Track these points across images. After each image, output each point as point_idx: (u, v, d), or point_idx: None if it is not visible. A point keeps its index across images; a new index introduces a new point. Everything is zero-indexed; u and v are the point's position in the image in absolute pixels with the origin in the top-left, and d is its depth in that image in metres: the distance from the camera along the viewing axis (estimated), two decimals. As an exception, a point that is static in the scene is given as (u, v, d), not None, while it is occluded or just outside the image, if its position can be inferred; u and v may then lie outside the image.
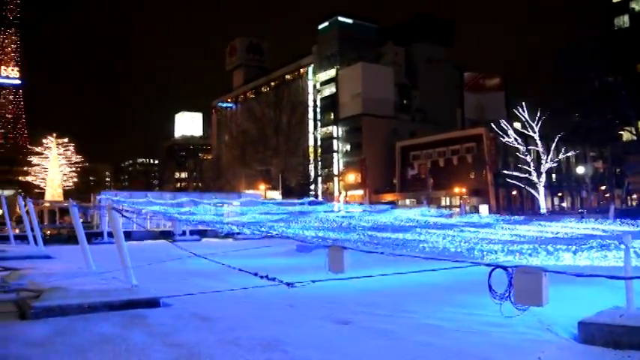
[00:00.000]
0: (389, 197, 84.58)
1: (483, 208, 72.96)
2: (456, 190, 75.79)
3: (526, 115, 58.68)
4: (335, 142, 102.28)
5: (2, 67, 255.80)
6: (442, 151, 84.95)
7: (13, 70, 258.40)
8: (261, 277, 6.98)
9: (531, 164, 59.92)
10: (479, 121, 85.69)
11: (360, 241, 11.55)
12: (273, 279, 6.69)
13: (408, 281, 11.50)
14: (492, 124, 65.11)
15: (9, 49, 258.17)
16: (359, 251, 8.04)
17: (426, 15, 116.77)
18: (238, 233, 30.78)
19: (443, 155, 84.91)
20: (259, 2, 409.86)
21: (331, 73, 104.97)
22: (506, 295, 5.87)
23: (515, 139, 60.45)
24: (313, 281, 7.12)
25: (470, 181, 77.67)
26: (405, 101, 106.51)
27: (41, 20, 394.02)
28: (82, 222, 16.73)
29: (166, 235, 35.58)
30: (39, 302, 9.10)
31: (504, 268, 5.88)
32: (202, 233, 39.06)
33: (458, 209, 64.53)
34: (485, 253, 10.56)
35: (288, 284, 6.61)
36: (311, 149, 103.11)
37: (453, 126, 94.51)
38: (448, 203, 79.56)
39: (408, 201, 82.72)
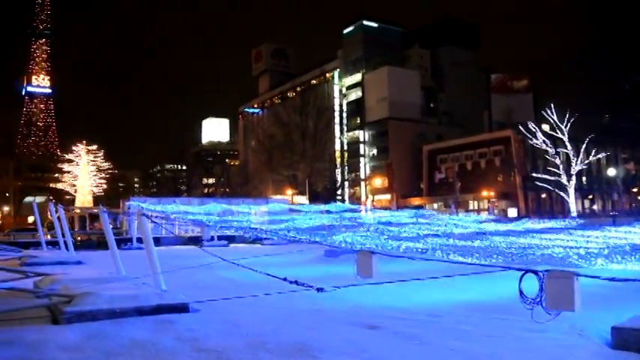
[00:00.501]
0: (416, 201, 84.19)
1: (512, 212, 72.22)
2: (484, 193, 75.14)
3: (555, 117, 57.91)
4: (361, 146, 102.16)
5: (33, 77, 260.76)
6: (470, 154, 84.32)
7: (43, 79, 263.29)
8: (291, 282, 6.97)
9: (561, 167, 59.05)
10: (506, 123, 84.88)
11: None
12: (303, 284, 6.67)
13: (437, 286, 11.41)
14: (520, 127, 64.39)
15: (39, 58, 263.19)
16: (387, 256, 8.00)
17: (451, 17, 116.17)
18: (266, 239, 30.90)
19: (470, 158, 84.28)
20: (284, 8, 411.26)
21: (357, 77, 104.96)
22: (538, 299, 5.79)
23: (544, 142, 59.62)
24: (344, 286, 7.09)
25: (498, 184, 76.97)
26: (431, 104, 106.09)
27: (70, 30, 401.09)
28: (112, 228, 16.93)
29: (195, 240, 35.84)
30: (71, 307, 9.21)
31: (535, 272, 5.80)
32: (230, 239, 39.29)
33: (486, 213, 63.93)
34: (515, 257, 10.46)
35: (318, 289, 6.59)
36: (337, 154, 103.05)
37: (480, 129, 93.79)
38: (476, 207, 78.87)
39: (435, 205, 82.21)
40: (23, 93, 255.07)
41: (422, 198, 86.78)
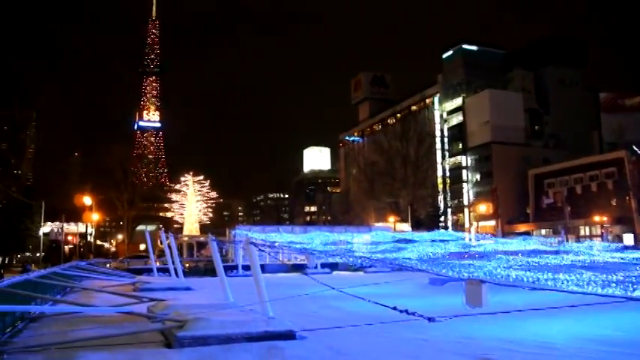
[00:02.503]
0: (523, 228, 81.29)
1: (628, 238, 68.21)
2: (596, 218, 71.45)
3: (673, 136, 54.50)
4: (464, 171, 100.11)
5: (144, 112, 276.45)
6: (579, 177, 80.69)
7: (154, 114, 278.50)
8: (401, 311, 6.81)
9: (682, 188, 55.36)
10: (618, 143, 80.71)
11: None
12: (413, 313, 6.50)
13: (551, 316, 10.90)
14: (634, 147, 61.01)
15: (150, 94, 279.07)
16: (497, 285, 7.72)
17: (555, 36, 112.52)
18: (370, 266, 30.74)
19: (580, 182, 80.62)
20: (382, 35, 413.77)
21: (458, 101, 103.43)
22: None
23: (662, 161, 56.12)
24: (455, 316, 6.86)
25: (611, 208, 73.02)
26: (536, 127, 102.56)
27: (177, 66, 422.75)
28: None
29: (298, 267, 36.32)
30: (183, 332, 9.52)
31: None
32: (333, 266, 39.47)
33: (599, 239, 60.78)
34: (636, 285, 9.82)
35: (429, 319, 6.39)
36: (440, 180, 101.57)
37: (589, 150, 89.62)
38: (588, 233, 75.16)
39: (543, 231, 79.06)
40: (135, 128, 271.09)
41: (528, 224, 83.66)
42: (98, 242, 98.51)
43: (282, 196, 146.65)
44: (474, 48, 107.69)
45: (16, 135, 67.04)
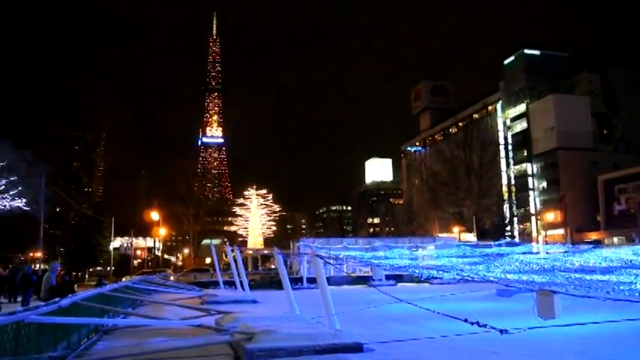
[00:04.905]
0: (593, 236, 78.65)
1: None
2: (673, 225, 68.56)
3: None
4: (530, 179, 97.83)
5: (207, 128, 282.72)
6: (652, 182, 77.60)
7: (217, 130, 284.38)
8: (472, 323, 6.63)
9: None
10: (694, 146, 77.36)
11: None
12: (485, 325, 6.33)
13: (631, 329, 10.47)
14: None
15: (213, 111, 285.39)
16: (570, 296, 7.46)
17: (622, 36, 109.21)
18: (435, 278, 30.36)
19: (654, 187, 77.51)
20: (441, 44, 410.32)
21: (521, 108, 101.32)
22: None
23: None
24: (529, 328, 6.64)
25: (689, 214, 69.94)
26: (604, 131, 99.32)
27: (238, 82, 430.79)
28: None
29: (363, 280, 36.21)
30: (252, 344, 9.60)
31: None
32: (398, 278, 39.19)
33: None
34: None
35: (501, 331, 6.20)
36: (505, 188, 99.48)
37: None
38: (663, 240, 72.11)
39: (615, 239, 76.28)
40: (199, 144, 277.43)
41: (599, 232, 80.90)
42: (165, 256, 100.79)
43: (344, 208, 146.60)
44: (537, 52, 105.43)
45: (87, 154, 69.78)
